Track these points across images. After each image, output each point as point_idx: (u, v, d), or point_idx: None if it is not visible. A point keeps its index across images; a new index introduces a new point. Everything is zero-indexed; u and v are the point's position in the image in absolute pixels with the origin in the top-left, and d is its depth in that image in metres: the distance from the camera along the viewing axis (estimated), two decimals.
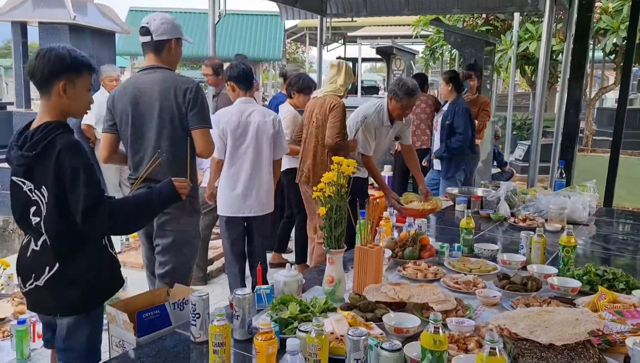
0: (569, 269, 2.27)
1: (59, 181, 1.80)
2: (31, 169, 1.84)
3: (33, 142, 1.81)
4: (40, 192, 1.84)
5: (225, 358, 1.49)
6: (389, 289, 1.96)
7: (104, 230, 1.92)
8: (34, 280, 1.89)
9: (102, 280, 1.95)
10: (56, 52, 1.84)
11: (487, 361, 1.26)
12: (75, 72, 1.87)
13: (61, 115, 1.89)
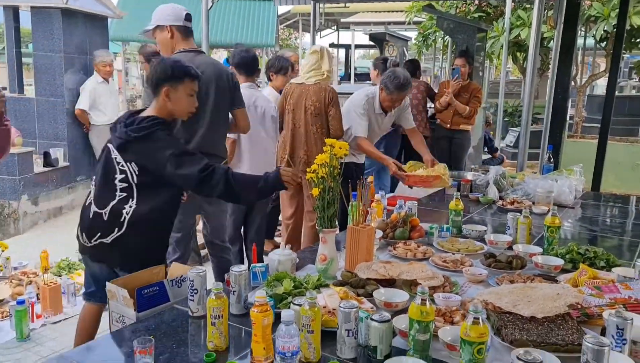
0: (553, 248, 2.35)
1: (153, 164, 2.17)
2: (126, 146, 2.19)
3: (139, 127, 2.18)
4: (130, 166, 2.19)
5: (222, 330, 1.56)
6: (380, 267, 2.04)
7: (217, 193, 2.24)
8: (99, 237, 2.21)
9: (159, 249, 2.34)
10: (163, 63, 2.29)
11: (470, 329, 1.34)
12: (177, 80, 2.26)
13: (166, 114, 2.28)
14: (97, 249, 2.24)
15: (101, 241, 2.21)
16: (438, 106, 5.42)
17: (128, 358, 1.49)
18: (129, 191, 2.19)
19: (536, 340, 1.54)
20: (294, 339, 1.38)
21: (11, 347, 2.94)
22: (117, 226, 2.18)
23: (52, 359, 1.53)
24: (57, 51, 5.60)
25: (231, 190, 2.23)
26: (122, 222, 2.18)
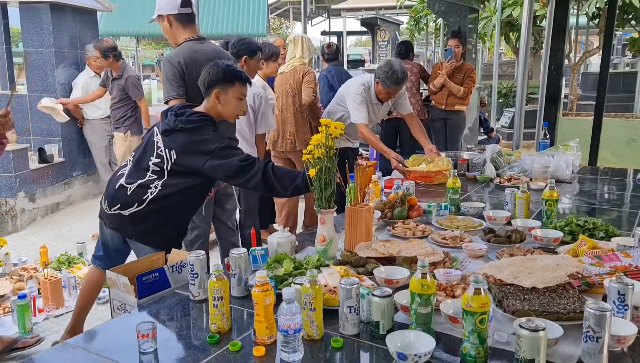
0: (551, 222, 2.36)
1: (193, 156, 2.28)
2: (170, 133, 2.32)
3: (188, 119, 2.31)
4: (168, 152, 2.31)
5: (224, 311, 1.56)
6: (379, 245, 2.04)
7: (253, 183, 2.31)
8: (118, 209, 2.36)
9: (174, 232, 2.47)
10: (216, 67, 2.37)
11: (472, 300, 1.34)
12: (228, 83, 2.36)
13: (215, 115, 2.40)
14: (114, 218, 2.40)
15: (119, 213, 2.36)
16: (432, 87, 5.41)
17: (132, 344, 1.49)
18: (159, 175, 2.33)
19: (538, 309, 1.55)
20: (296, 317, 1.39)
21: None
22: (137, 203, 2.33)
23: (56, 347, 1.53)
24: (47, 46, 5.55)
25: (268, 182, 2.30)
26: (143, 200, 2.32)
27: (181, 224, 2.53)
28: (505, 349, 1.42)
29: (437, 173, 3.38)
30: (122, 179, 2.39)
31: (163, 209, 2.35)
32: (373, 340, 1.50)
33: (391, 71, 3.57)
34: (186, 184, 2.34)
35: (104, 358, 1.45)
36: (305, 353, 1.43)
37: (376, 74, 3.67)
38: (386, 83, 3.62)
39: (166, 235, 2.42)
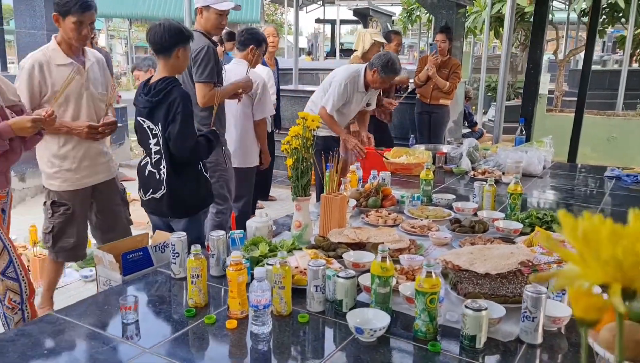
0: (515, 214, 2.51)
1: (166, 118, 2.43)
2: (152, 111, 2.47)
3: (156, 91, 2.44)
4: (158, 127, 2.47)
5: (201, 288, 1.70)
6: (350, 232, 2.18)
7: (187, 159, 2.52)
8: (151, 193, 2.56)
9: (200, 194, 2.64)
10: (176, 26, 2.46)
11: (424, 281, 1.48)
12: (188, 41, 2.51)
13: (174, 72, 2.52)
14: (150, 203, 2.60)
15: (153, 196, 2.57)
16: (417, 81, 5.53)
17: (115, 315, 1.63)
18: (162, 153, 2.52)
19: (487, 292, 1.70)
20: (265, 293, 1.53)
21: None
22: (159, 184, 2.53)
23: (44, 318, 1.66)
24: (39, 28, 5.60)
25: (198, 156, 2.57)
26: (161, 181, 2.52)
27: (201, 193, 2.67)
28: (455, 327, 1.57)
29: (416, 165, 3.52)
30: (149, 166, 2.56)
31: (179, 183, 2.53)
32: (337, 317, 1.64)
33: (391, 62, 3.77)
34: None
35: (90, 328, 1.58)
36: (274, 327, 1.58)
37: (373, 63, 3.83)
38: (384, 72, 3.79)
39: (194, 206, 2.64)
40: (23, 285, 2.27)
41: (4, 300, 2.24)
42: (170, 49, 2.46)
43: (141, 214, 4.50)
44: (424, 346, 1.48)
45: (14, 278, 2.25)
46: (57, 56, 2.58)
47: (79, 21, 2.49)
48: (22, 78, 2.53)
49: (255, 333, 1.53)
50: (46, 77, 2.54)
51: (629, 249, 0.46)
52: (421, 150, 3.79)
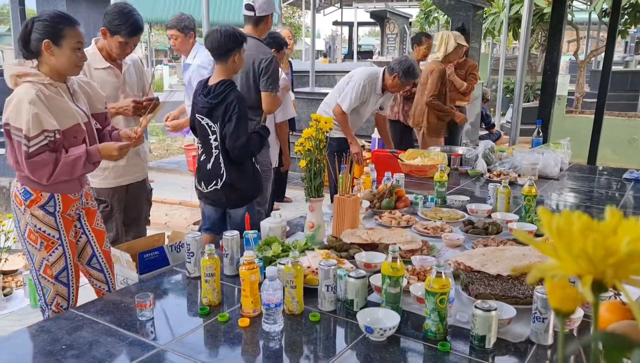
0: (529, 216, 2.50)
1: (223, 118, 2.64)
2: (211, 111, 2.67)
3: (215, 93, 2.65)
4: (217, 125, 2.68)
5: (215, 287, 1.73)
6: (363, 232, 2.20)
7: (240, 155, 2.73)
8: (214, 185, 2.77)
9: (254, 184, 2.86)
10: (232, 32, 2.66)
11: (434, 282, 1.49)
12: (242, 45, 2.70)
13: (230, 74, 2.72)
14: (210, 194, 2.81)
15: (214, 188, 2.77)
16: None
17: (131, 313, 1.67)
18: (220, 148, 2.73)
19: (499, 293, 1.70)
20: (277, 292, 1.55)
21: (26, 313, 3.15)
22: (220, 177, 2.74)
23: (63, 315, 1.71)
24: None
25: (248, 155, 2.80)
26: (222, 174, 2.74)
27: (258, 185, 2.89)
28: (465, 327, 1.57)
29: (431, 166, 3.52)
30: (211, 160, 2.76)
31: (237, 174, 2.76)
32: (347, 316, 1.66)
33: (412, 68, 3.89)
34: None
35: (107, 325, 1.62)
36: (286, 325, 1.60)
37: (393, 68, 3.90)
38: (405, 77, 3.88)
39: (250, 197, 2.86)
40: (71, 291, 2.31)
41: (51, 304, 2.28)
42: (228, 54, 2.66)
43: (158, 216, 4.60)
44: (433, 346, 1.49)
45: (65, 283, 2.28)
46: (96, 60, 2.69)
47: (125, 42, 2.63)
48: None
49: (267, 332, 1.56)
50: (87, 78, 2.62)
51: (599, 243, 0.48)
52: (436, 152, 3.78)
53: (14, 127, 2.04)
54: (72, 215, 2.29)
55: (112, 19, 2.61)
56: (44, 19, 2.06)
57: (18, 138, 2.03)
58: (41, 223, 2.19)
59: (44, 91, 2.08)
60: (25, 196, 2.17)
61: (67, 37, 2.09)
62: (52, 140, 2.07)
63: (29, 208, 2.18)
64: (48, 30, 2.06)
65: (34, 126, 2.02)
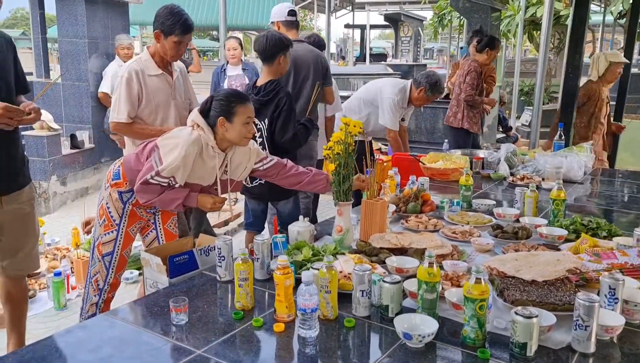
0: (558, 220, 2.47)
1: (273, 114, 2.89)
2: (260, 109, 2.86)
3: (265, 92, 2.92)
4: (263, 122, 2.91)
5: (248, 291, 1.73)
6: (392, 237, 2.18)
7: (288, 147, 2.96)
8: (258, 180, 2.92)
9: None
10: (277, 36, 2.95)
11: (473, 288, 1.48)
12: (288, 49, 2.97)
13: (277, 75, 2.99)
14: (256, 188, 3.01)
15: (259, 182, 2.95)
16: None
17: (165, 316, 1.67)
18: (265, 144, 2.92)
19: (535, 300, 1.68)
20: (313, 297, 1.54)
21: (51, 315, 3.17)
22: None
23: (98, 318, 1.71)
24: (81, 36, 5.78)
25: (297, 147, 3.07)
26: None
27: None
28: (503, 334, 1.55)
29: (453, 170, 3.49)
30: None
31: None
32: (382, 322, 1.65)
33: (439, 82, 4.01)
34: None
35: (140, 329, 1.62)
36: (321, 331, 1.59)
37: (420, 82, 4.01)
38: (431, 92, 3.99)
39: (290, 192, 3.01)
40: (109, 277, 2.44)
41: (93, 277, 2.44)
42: (273, 57, 2.93)
43: None
44: (472, 353, 1.47)
45: (106, 266, 2.42)
46: (150, 67, 2.70)
47: (179, 41, 2.65)
48: (121, 88, 2.65)
49: (303, 337, 1.54)
50: (142, 86, 2.67)
51: None
52: (458, 155, 3.75)
53: (159, 155, 2.22)
54: (142, 213, 2.45)
55: (165, 20, 2.63)
56: (220, 98, 2.27)
57: (154, 163, 2.21)
58: (112, 205, 2.38)
59: (204, 150, 2.25)
60: (114, 177, 2.38)
61: (239, 114, 2.25)
62: (171, 184, 2.24)
63: (111, 187, 2.38)
64: (223, 108, 2.24)
65: (170, 170, 2.19)
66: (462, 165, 3.49)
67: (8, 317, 2.49)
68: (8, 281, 2.45)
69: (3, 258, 2.40)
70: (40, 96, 2.57)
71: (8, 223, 2.35)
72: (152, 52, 2.74)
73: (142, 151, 2.34)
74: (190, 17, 2.74)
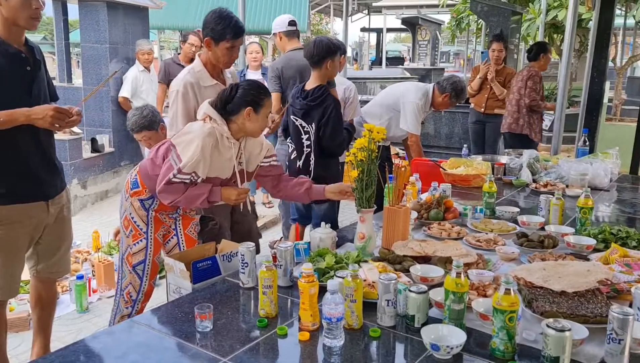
0: (585, 229, 2.42)
1: (320, 119, 3.00)
2: (307, 113, 3.02)
3: (313, 97, 3.02)
4: (311, 126, 3.02)
5: (272, 299, 1.71)
6: (416, 244, 2.16)
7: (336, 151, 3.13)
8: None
9: (338, 179, 3.12)
10: (325, 42, 3.03)
11: (502, 299, 1.45)
12: (336, 54, 3.03)
13: (325, 80, 3.06)
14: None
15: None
16: (470, 90, 5.45)
17: (189, 323, 1.66)
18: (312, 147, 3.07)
19: (566, 311, 1.64)
20: (338, 306, 1.52)
21: (73, 318, 3.20)
22: (308, 174, 3.05)
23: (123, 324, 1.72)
24: (102, 42, 5.85)
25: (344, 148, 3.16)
26: (311, 170, 3.08)
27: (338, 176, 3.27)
28: (533, 347, 1.52)
29: (475, 176, 3.45)
30: (301, 158, 3.12)
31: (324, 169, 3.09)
32: (408, 332, 1.62)
33: (462, 88, 4.00)
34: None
35: (166, 335, 1.62)
36: (346, 340, 1.57)
37: (445, 87, 3.95)
38: (455, 98, 3.96)
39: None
40: (143, 285, 2.46)
41: (124, 290, 2.45)
42: (321, 62, 3.01)
43: None
44: None
45: (140, 275, 2.44)
46: (204, 77, 2.60)
47: (232, 46, 2.53)
48: (177, 102, 2.56)
49: (329, 347, 1.53)
50: (197, 98, 2.57)
51: None
52: (479, 161, 3.71)
53: (176, 154, 2.22)
54: (165, 218, 2.48)
55: (214, 26, 2.51)
56: (249, 89, 2.25)
57: (173, 162, 2.21)
58: (135, 214, 2.40)
59: (219, 142, 2.24)
60: (133, 186, 2.40)
61: (266, 106, 2.28)
62: (194, 181, 2.24)
63: (131, 197, 2.39)
64: (253, 99, 2.24)
65: (191, 166, 2.18)
66: (484, 171, 3.45)
67: (36, 321, 2.51)
68: (39, 285, 2.48)
69: (39, 261, 2.42)
70: (85, 100, 2.58)
71: (50, 226, 2.38)
72: (204, 60, 2.62)
73: (155, 154, 2.34)
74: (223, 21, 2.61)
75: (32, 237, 2.33)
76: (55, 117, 2.11)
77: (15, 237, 2.24)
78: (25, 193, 2.24)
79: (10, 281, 2.28)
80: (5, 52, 2.10)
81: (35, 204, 2.28)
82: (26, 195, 2.24)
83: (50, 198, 2.33)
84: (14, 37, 2.14)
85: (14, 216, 2.21)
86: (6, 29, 2.11)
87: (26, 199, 2.24)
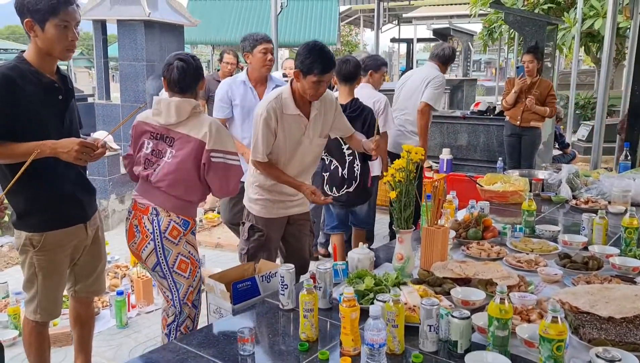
0: (631, 249, 2.35)
1: (362, 128, 3.26)
2: (350, 123, 3.00)
3: (352, 109, 3.40)
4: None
5: (313, 322, 1.72)
6: (455, 266, 2.13)
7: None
8: (346, 188, 3.44)
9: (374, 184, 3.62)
10: (355, 60, 3.52)
11: (549, 327, 1.42)
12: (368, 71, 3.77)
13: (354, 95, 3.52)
14: (342, 197, 3.46)
15: (347, 191, 3.43)
16: (505, 104, 5.37)
17: (231, 345, 1.68)
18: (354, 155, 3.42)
19: (614, 339, 1.59)
20: (381, 332, 1.52)
21: (113, 334, 3.27)
22: (354, 179, 3.41)
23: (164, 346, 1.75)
24: (140, 60, 6.01)
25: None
26: (356, 176, 3.40)
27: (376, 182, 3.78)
28: None
29: (512, 192, 3.39)
30: (340, 169, 3.42)
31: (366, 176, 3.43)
32: (451, 358, 1.60)
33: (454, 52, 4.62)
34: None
35: (210, 359, 1.64)
36: None
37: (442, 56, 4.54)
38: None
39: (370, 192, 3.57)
40: (197, 313, 2.47)
41: (180, 326, 2.40)
42: (354, 78, 3.47)
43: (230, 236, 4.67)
44: None
45: (196, 305, 2.45)
46: (288, 105, 2.63)
47: (318, 81, 2.53)
48: (259, 127, 2.61)
49: None
50: (278, 124, 2.62)
51: None
52: (516, 176, 3.64)
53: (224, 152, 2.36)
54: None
55: (304, 59, 2.53)
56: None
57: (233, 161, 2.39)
58: (192, 247, 2.42)
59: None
60: (185, 226, 2.37)
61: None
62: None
63: (185, 236, 2.37)
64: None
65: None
66: (522, 188, 3.39)
67: (76, 338, 2.57)
68: (77, 305, 2.53)
69: (77, 282, 2.46)
70: (120, 125, 2.62)
71: (88, 247, 2.42)
72: (294, 88, 2.64)
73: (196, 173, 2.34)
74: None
75: (73, 259, 2.37)
76: (80, 151, 2.12)
77: (58, 261, 2.28)
78: (67, 216, 2.28)
79: (54, 304, 2.33)
80: (39, 81, 2.13)
81: (77, 227, 2.31)
82: (68, 219, 2.28)
83: (88, 219, 2.37)
84: (47, 67, 2.17)
85: (57, 241, 2.25)
86: (40, 59, 2.14)
87: (68, 224, 2.28)
